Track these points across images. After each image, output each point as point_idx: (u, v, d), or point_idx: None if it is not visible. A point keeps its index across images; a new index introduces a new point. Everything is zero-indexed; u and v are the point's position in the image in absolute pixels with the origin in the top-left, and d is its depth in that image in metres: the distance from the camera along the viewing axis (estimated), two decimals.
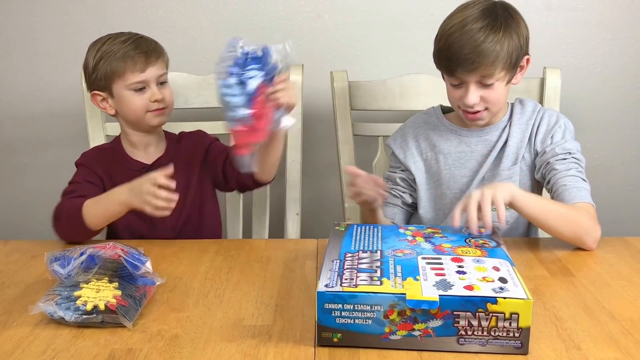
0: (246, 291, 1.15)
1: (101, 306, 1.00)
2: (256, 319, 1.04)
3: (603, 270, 1.23)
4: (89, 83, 1.49)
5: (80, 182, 1.45)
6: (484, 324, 0.90)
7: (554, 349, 0.94)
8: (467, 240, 1.13)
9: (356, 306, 0.91)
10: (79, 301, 1.01)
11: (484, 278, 0.95)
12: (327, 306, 0.92)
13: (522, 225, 1.50)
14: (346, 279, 0.95)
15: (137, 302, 1.05)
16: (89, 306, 1.00)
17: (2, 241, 1.42)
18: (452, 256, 1.04)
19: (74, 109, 1.93)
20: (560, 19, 1.92)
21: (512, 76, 1.39)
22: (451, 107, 1.48)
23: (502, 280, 0.95)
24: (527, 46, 1.39)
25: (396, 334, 0.92)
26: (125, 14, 1.92)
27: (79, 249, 1.10)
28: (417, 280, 0.95)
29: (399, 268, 0.99)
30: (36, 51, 1.96)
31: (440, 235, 1.15)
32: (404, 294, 0.91)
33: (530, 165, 1.47)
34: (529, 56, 1.41)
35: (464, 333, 0.91)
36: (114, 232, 1.49)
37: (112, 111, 1.50)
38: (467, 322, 0.90)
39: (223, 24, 1.93)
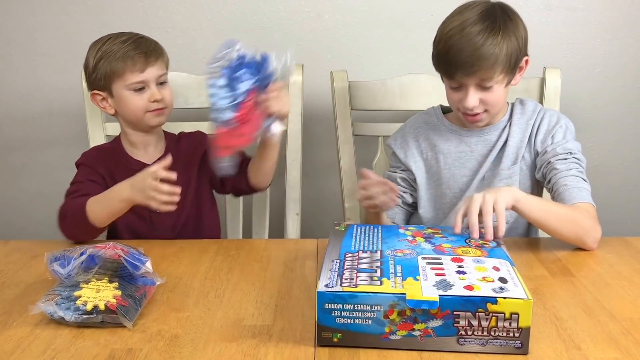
0: (246, 291, 1.15)
1: (101, 306, 1.00)
2: (256, 319, 1.04)
3: (603, 270, 1.23)
4: (89, 82, 1.50)
5: (82, 181, 1.45)
6: (484, 324, 0.90)
7: (554, 349, 0.94)
8: (467, 241, 1.13)
9: (356, 306, 0.91)
10: (79, 301, 1.01)
11: (484, 278, 0.95)
12: (327, 306, 0.92)
13: (522, 225, 1.50)
14: (346, 279, 0.95)
15: (137, 302, 1.05)
16: (89, 306, 1.00)
17: (2, 241, 1.42)
18: (452, 256, 1.04)
19: (74, 109, 1.93)
20: (560, 19, 1.92)
21: (511, 78, 1.39)
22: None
23: (502, 280, 0.95)
24: (526, 47, 1.39)
25: (396, 334, 0.92)
26: (125, 14, 1.92)
27: (79, 249, 1.10)
28: (417, 280, 0.95)
29: (399, 268, 0.99)
30: (36, 51, 1.96)
31: (440, 236, 1.15)
32: (404, 294, 0.91)
33: (530, 165, 1.47)
34: (527, 57, 1.41)
35: (464, 333, 0.91)
36: (113, 231, 1.49)
37: (111, 111, 1.50)
38: (467, 322, 0.90)
39: (223, 24, 1.93)
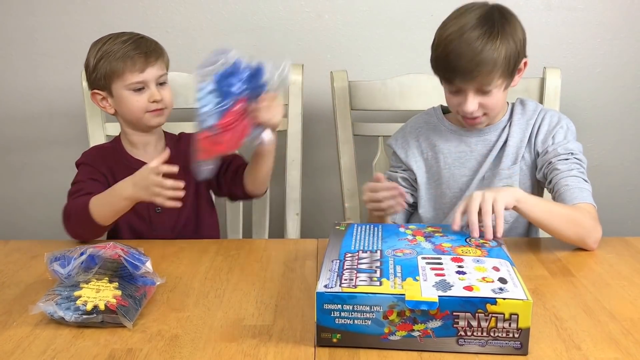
0: (246, 291, 1.15)
1: (101, 306, 1.00)
2: (256, 319, 1.04)
3: (603, 270, 1.23)
4: (90, 82, 1.50)
5: (84, 180, 1.45)
6: (484, 324, 0.90)
7: (554, 349, 0.94)
8: (468, 240, 1.13)
9: (355, 307, 0.91)
10: (79, 301, 1.01)
11: (483, 278, 0.95)
12: (326, 307, 0.92)
13: (522, 225, 1.50)
14: (345, 280, 0.95)
15: (137, 302, 1.05)
16: (89, 306, 1.00)
17: (2, 241, 1.42)
18: (452, 256, 1.04)
19: (74, 109, 1.93)
20: (560, 19, 1.91)
21: (510, 81, 1.39)
22: None
23: (502, 280, 0.95)
24: (524, 49, 1.39)
25: (395, 335, 0.92)
26: (125, 14, 1.92)
27: (79, 249, 1.10)
28: (417, 280, 0.95)
29: (398, 268, 0.99)
30: (36, 51, 1.96)
31: (441, 234, 1.15)
32: (403, 294, 0.91)
33: (531, 166, 1.47)
34: (526, 59, 1.40)
35: (463, 334, 0.91)
36: (114, 230, 1.49)
37: (111, 110, 1.50)
38: (466, 323, 0.90)
39: (223, 24, 1.93)
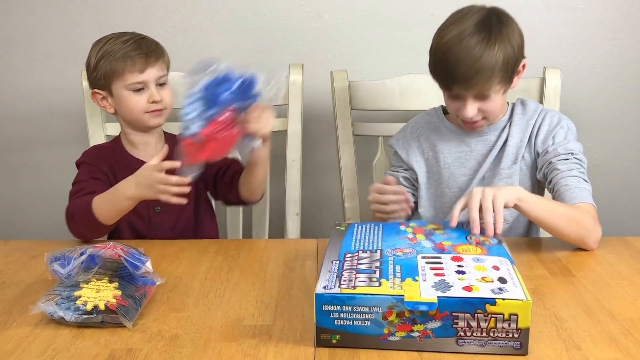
0: (246, 291, 1.15)
1: (101, 306, 1.00)
2: (256, 319, 1.04)
3: (603, 270, 1.23)
4: (90, 81, 1.50)
5: (85, 179, 1.45)
6: (483, 325, 0.90)
7: (554, 349, 0.94)
8: (468, 237, 1.12)
9: (354, 308, 0.91)
10: (79, 301, 1.01)
11: (483, 278, 0.95)
12: (325, 308, 0.92)
13: (522, 225, 1.50)
14: (345, 281, 0.95)
15: (137, 302, 1.05)
16: (89, 306, 1.00)
17: (2, 241, 1.42)
18: (452, 255, 1.04)
19: (74, 108, 1.93)
20: (560, 19, 1.91)
21: (509, 85, 1.38)
22: None
23: (502, 280, 0.95)
24: (523, 52, 1.38)
25: (395, 335, 0.92)
26: (125, 14, 1.92)
27: (79, 249, 1.10)
28: (416, 281, 0.95)
29: (398, 268, 0.99)
30: (36, 51, 1.96)
31: (442, 232, 1.15)
32: (402, 295, 0.91)
33: (531, 166, 1.47)
34: (525, 61, 1.40)
35: (463, 334, 0.91)
36: (114, 230, 1.48)
37: (111, 110, 1.50)
38: (466, 323, 0.90)
39: (223, 24, 1.93)
